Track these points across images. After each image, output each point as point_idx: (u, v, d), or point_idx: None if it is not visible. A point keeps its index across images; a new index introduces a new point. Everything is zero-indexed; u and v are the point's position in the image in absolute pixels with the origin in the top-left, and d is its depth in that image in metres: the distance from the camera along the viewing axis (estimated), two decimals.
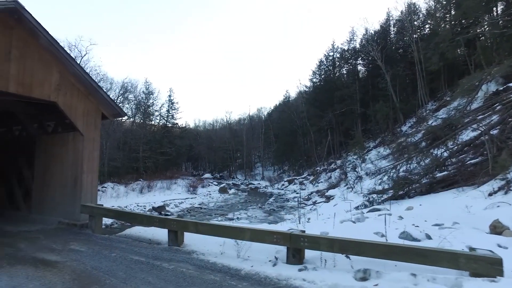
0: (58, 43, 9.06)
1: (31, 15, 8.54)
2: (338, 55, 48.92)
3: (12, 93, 8.55)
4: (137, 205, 28.60)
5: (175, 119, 50.10)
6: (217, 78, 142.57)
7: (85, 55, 30.35)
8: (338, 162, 42.59)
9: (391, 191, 15.63)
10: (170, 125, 49.35)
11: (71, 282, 4.99)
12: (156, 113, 47.27)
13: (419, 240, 6.93)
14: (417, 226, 8.06)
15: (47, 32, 8.87)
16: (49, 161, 10.89)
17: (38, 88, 9.04)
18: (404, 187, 14.61)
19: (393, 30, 42.18)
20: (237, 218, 25.69)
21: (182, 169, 60.37)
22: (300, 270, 5.45)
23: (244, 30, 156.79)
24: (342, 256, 5.91)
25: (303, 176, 48.96)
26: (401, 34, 39.11)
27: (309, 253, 6.14)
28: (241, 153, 65.01)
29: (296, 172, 53.67)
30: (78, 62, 9.70)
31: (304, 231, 6.35)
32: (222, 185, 45.87)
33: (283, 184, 48.82)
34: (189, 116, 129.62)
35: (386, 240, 6.42)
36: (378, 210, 12.23)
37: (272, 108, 73.92)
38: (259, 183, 54.38)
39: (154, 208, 26.71)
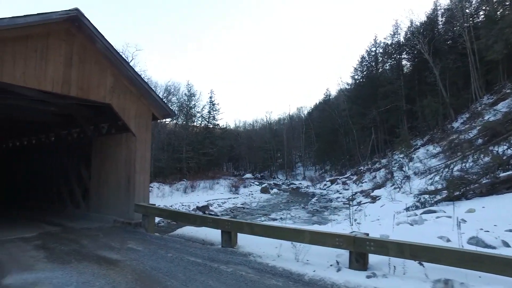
0: (113, 47, 9.29)
1: (89, 21, 8.84)
2: (381, 50, 46.97)
3: (73, 96, 8.88)
4: (182, 205, 29.23)
5: (216, 120, 50.85)
6: (257, 78, 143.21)
7: (131, 60, 31.68)
8: (383, 161, 40.85)
9: (445, 191, 14.49)
10: (211, 126, 50.14)
11: (133, 282, 4.94)
12: (198, 115, 48.26)
13: (494, 247, 6.17)
14: (487, 231, 7.25)
15: (103, 37, 9.12)
16: (104, 161, 11.25)
17: (95, 91, 9.32)
18: (460, 188, 13.45)
19: (441, 21, 39.61)
20: (281, 218, 25.31)
21: (223, 169, 61.14)
22: (368, 277, 5.01)
23: (284, 28, 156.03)
24: (411, 263, 5.38)
25: (345, 175, 47.58)
26: (450, 24, 36.55)
27: (372, 258, 5.67)
28: (281, 152, 64.58)
29: (338, 171, 52.31)
30: None
31: (367, 234, 5.88)
32: (263, 185, 45.77)
33: (325, 184, 47.76)
34: (229, 116, 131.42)
35: (461, 246, 5.78)
36: (434, 212, 11.34)
37: (312, 107, 72.81)
38: (300, 183, 53.66)
39: (198, 208, 27.11)
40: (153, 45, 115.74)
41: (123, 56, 9.58)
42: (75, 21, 8.73)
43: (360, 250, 5.49)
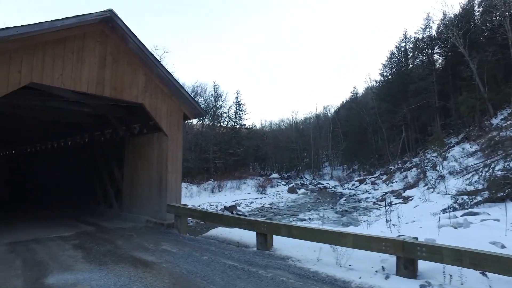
0: (145, 46, 9.25)
1: (122, 22, 8.84)
2: (411, 45, 45.19)
3: (107, 96, 8.90)
4: (209, 204, 29.31)
5: (243, 120, 50.90)
6: (283, 78, 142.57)
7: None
8: (415, 160, 39.32)
9: (486, 192, 13.52)
10: (237, 126, 50.20)
11: (171, 287, 4.74)
12: (225, 115, 48.43)
13: None
14: None
15: (136, 36, 9.09)
16: (136, 161, 11.28)
17: (127, 91, 9.31)
18: (504, 188, 12.48)
19: (478, 11, 37.49)
20: (309, 219, 24.87)
21: (249, 169, 61.12)
22: (422, 286, 4.55)
23: (310, 26, 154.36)
24: (470, 272, 4.85)
25: (375, 175, 46.26)
26: (489, 14, 34.46)
27: (421, 265, 5.20)
28: (308, 152, 63.77)
29: (367, 171, 50.93)
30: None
31: (416, 238, 5.40)
32: (290, 185, 45.33)
33: (353, 184, 46.68)
34: (255, 117, 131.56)
35: None
36: (476, 214, 10.53)
37: (339, 105, 71.48)
38: (327, 183, 52.75)
39: (225, 208, 27.07)
40: (180, 46, 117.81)
41: (155, 55, 9.46)
42: (109, 22, 8.76)
43: (409, 256, 5.03)
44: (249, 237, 8.09)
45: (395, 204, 25.59)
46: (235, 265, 5.92)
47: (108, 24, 8.84)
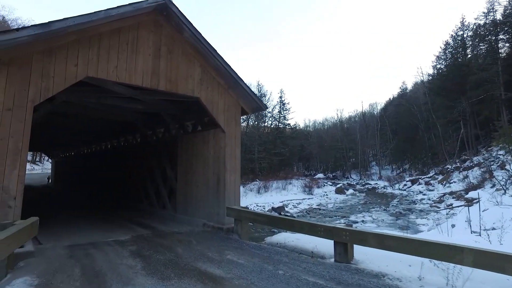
0: (201, 35, 8.41)
1: (178, 9, 8.07)
2: (470, 33, 41.09)
3: (162, 90, 8.17)
4: (256, 205, 28.50)
5: (287, 120, 49.58)
6: (326, 76, 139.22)
7: None
8: (476, 158, 35.69)
9: None
10: (282, 126, 49.00)
11: None
12: (269, 115, 47.44)
13: None
14: None
15: (192, 24, 8.28)
16: (191, 160, 10.53)
17: (183, 84, 8.53)
18: None
19: None
20: (362, 221, 23.22)
21: (293, 169, 59.66)
22: None
23: (353, 23, 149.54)
24: None
25: (429, 175, 42.83)
26: None
27: None
28: (354, 151, 60.95)
29: (419, 171, 47.35)
30: None
31: None
32: (338, 186, 43.34)
33: (404, 185, 43.67)
34: (299, 116, 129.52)
35: None
36: None
37: (386, 102, 67.62)
38: (376, 183, 50.01)
39: (273, 209, 26.05)
40: (222, 45, 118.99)
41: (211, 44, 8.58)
42: (163, 10, 8.03)
43: None
44: (323, 245, 6.92)
45: (457, 207, 23.09)
46: (320, 284, 4.78)
47: (162, 13, 8.11)
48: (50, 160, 46.51)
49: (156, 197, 12.63)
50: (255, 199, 32.84)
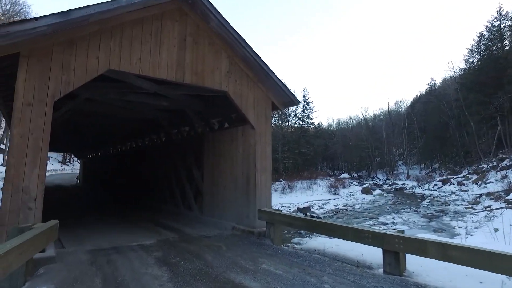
0: (229, 23, 7.76)
1: None
2: (508, 23, 38.42)
3: (187, 83, 7.58)
4: (282, 206, 27.75)
5: (311, 119, 48.37)
6: (349, 75, 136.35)
7: None
8: None
9: None
10: (305, 125, 47.89)
11: None
12: (292, 114, 46.47)
13: None
14: None
15: (218, 12, 7.65)
16: (218, 160, 9.91)
17: (210, 77, 7.90)
18: None
19: None
20: (392, 223, 22.04)
21: (317, 169, 58.36)
22: None
23: (376, 19, 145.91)
24: None
25: (461, 175, 40.50)
26: None
27: None
28: (380, 150, 58.84)
29: (451, 170, 44.95)
30: None
31: None
32: (365, 186, 41.81)
33: (435, 185, 41.55)
34: (322, 115, 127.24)
35: None
36: None
37: (413, 99, 64.90)
38: (404, 183, 48.01)
39: (299, 209, 25.21)
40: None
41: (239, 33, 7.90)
42: None
43: None
44: (368, 253, 6.10)
45: (498, 209, 21.43)
46: None
47: (187, 0, 7.51)
48: (79, 161, 47.58)
49: (182, 198, 12.12)
50: (280, 199, 32.13)
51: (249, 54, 8.15)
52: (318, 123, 55.63)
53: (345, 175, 55.10)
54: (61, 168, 63.17)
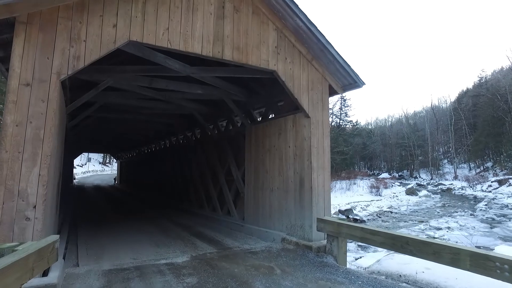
0: None
1: None
2: None
3: (228, 60, 5.97)
4: None
5: (348, 117, 45.59)
6: (388, 71, 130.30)
7: None
8: None
9: None
10: (343, 123, 45.21)
11: None
12: (329, 111, 44.03)
13: None
14: None
15: None
16: (263, 157, 8.24)
17: (254, 53, 6.24)
18: None
19: None
20: (447, 228, 19.44)
21: (355, 169, 55.25)
22: None
23: (417, 14, 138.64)
24: None
25: None
26: None
27: None
28: (423, 149, 54.50)
29: (508, 169, 40.33)
30: None
31: None
32: (409, 186, 38.57)
33: (489, 185, 37.45)
34: (359, 113, 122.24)
35: None
36: None
37: (459, 94, 59.68)
38: (451, 184, 43.94)
39: (340, 211, 23.12)
40: None
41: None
42: None
43: None
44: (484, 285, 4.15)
45: None
46: None
47: None
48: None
49: (219, 201, 10.60)
50: None
51: (302, 24, 6.38)
52: (356, 121, 52.55)
53: (385, 175, 51.71)
54: (101, 169, 64.75)
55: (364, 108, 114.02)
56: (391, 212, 26.53)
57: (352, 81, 7.06)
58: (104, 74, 6.92)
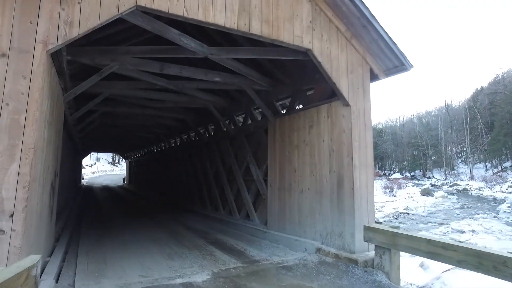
0: None
1: None
2: None
3: (255, 35, 4.86)
4: None
5: None
6: None
7: None
8: None
9: None
10: None
11: None
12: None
13: None
14: None
15: None
16: (288, 154, 7.12)
17: (286, 27, 5.12)
18: None
19: None
20: (471, 231, 18.09)
21: None
22: None
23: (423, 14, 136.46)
24: None
25: None
26: None
27: None
28: (436, 148, 52.71)
29: None
30: None
31: None
32: (424, 187, 37.07)
33: (510, 186, 35.76)
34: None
35: None
36: None
37: (474, 92, 57.64)
38: (467, 184, 42.29)
39: None
40: None
41: None
42: None
43: None
44: None
45: None
46: None
47: None
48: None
49: (237, 204, 9.50)
50: None
51: None
52: None
53: (397, 175, 50.19)
54: (111, 169, 64.22)
55: (374, 107, 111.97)
56: (408, 213, 25.39)
57: (398, 63, 5.89)
58: (107, 56, 5.88)
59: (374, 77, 6.20)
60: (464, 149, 52.20)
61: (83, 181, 33.56)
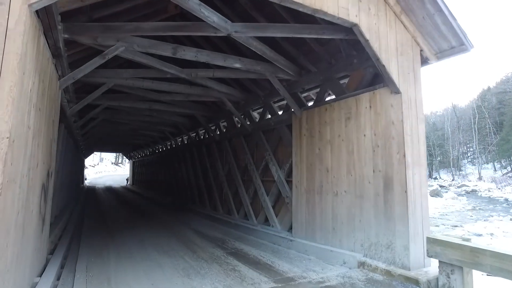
0: None
1: None
2: None
3: (294, 3, 3.92)
4: None
5: None
6: None
7: None
8: None
9: None
10: None
11: None
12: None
13: None
14: None
15: None
16: (318, 151, 6.17)
17: None
18: None
19: None
20: (490, 234, 17.05)
21: None
22: None
23: None
24: None
25: None
26: None
27: None
28: (443, 149, 51.61)
29: None
30: None
31: None
32: (433, 188, 36.02)
33: None
34: None
35: None
36: None
37: (482, 91, 56.46)
38: (476, 185, 41.19)
39: None
40: None
41: None
42: None
43: None
44: None
45: None
46: None
47: None
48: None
49: (253, 208, 8.55)
50: None
51: None
52: None
53: None
54: (114, 169, 63.27)
55: None
56: None
57: (456, 43, 4.91)
58: (112, 34, 4.93)
59: (423, 61, 5.23)
60: (471, 149, 51.05)
61: (86, 181, 32.69)
